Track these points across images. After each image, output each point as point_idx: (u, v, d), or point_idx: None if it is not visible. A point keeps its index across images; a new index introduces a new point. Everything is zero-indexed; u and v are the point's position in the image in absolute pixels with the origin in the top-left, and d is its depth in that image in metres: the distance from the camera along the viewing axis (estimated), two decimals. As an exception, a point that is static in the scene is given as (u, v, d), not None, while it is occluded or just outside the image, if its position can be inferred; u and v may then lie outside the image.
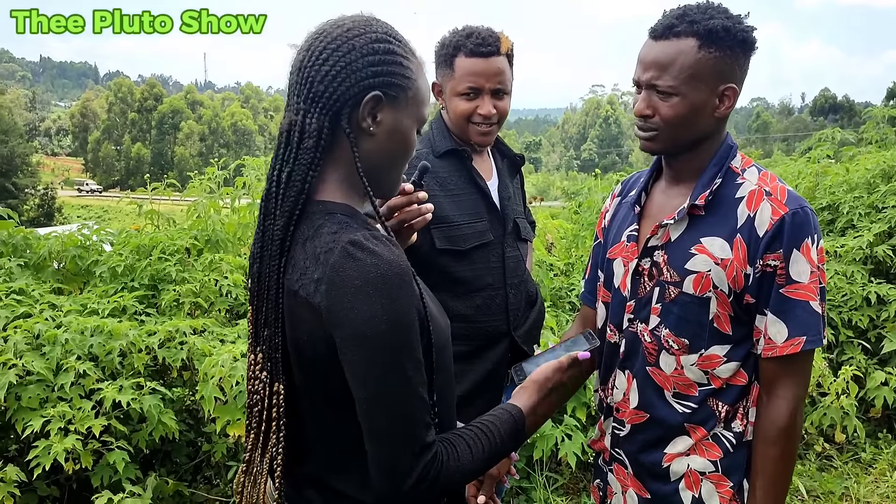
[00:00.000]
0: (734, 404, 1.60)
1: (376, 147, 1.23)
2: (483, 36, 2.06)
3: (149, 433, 2.91)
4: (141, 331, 3.05)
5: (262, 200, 1.21)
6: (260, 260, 1.20)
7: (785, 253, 1.49)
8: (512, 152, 2.31)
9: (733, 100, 1.55)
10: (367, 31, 1.20)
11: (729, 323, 1.56)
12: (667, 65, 1.52)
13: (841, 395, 3.75)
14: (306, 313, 1.13)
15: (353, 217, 1.20)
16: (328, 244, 1.13)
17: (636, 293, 1.66)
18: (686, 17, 1.52)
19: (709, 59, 1.50)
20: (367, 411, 1.12)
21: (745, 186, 1.56)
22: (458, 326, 2.10)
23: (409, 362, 1.12)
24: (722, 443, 1.60)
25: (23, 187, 45.98)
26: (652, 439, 1.66)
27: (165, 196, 4.23)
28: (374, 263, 1.10)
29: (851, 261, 4.44)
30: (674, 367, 1.60)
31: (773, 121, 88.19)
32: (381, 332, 1.09)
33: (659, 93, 1.54)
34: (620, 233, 1.74)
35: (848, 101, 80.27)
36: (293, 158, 1.18)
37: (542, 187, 48.08)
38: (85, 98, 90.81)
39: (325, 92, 1.17)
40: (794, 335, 1.50)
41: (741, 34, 1.51)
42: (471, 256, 2.09)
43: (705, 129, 1.57)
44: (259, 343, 1.20)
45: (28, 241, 3.60)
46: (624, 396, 1.70)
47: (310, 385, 1.19)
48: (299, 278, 1.15)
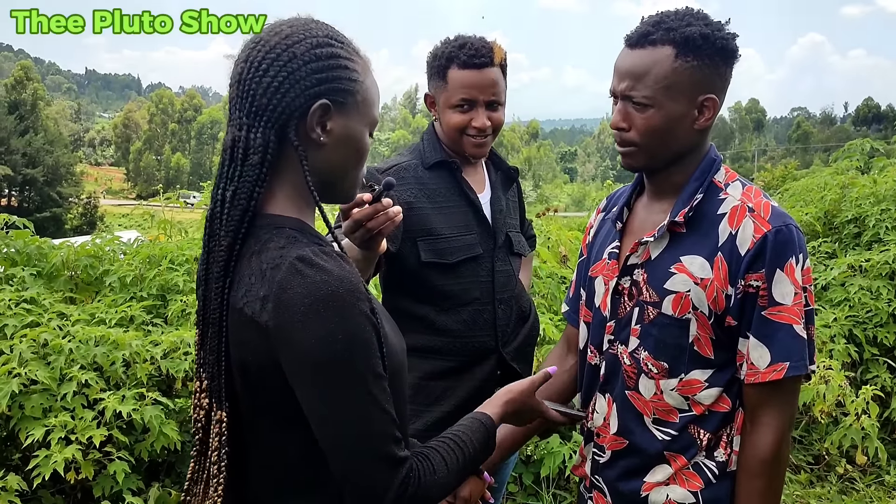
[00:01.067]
0: (716, 432, 1.51)
1: (328, 157, 1.18)
2: (476, 47, 2.02)
3: (151, 444, 2.92)
4: (145, 341, 3.07)
5: (207, 220, 1.17)
6: (205, 282, 1.15)
7: (767, 273, 1.41)
8: (506, 165, 2.27)
9: (714, 111, 1.47)
10: (307, 37, 1.15)
11: (710, 346, 1.47)
12: (642, 75, 1.44)
13: (861, 416, 3.62)
14: (252, 333, 1.09)
15: (303, 231, 1.15)
16: (275, 260, 1.09)
17: (616, 313, 1.59)
18: (662, 25, 1.44)
19: (686, 69, 1.42)
20: (331, 434, 1.07)
21: (728, 202, 1.48)
22: (445, 341, 2.07)
23: (370, 379, 1.08)
24: (703, 472, 1.51)
25: (67, 196, 47.13)
26: (631, 467, 1.57)
27: (177, 205, 4.26)
28: (323, 280, 1.06)
29: (877, 276, 4.30)
30: (653, 391, 1.52)
31: (815, 131, 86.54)
32: (337, 352, 1.05)
33: (635, 104, 1.46)
34: (602, 250, 1.67)
35: (892, 111, 78.52)
36: (238, 176, 1.13)
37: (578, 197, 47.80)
38: (127, 109, 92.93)
39: (269, 105, 1.12)
40: (777, 360, 1.42)
41: (720, 42, 1.43)
42: (458, 270, 2.05)
43: (685, 142, 1.49)
44: (203, 368, 1.16)
45: (42, 250, 3.65)
46: (604, 421, 1.62)
47: (256, 409, 1.14)
48: (244, 295, 1.10)
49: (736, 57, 1.47)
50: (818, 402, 3.62)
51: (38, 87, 54.05)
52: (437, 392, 2.06)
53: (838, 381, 3.63)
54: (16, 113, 47.32)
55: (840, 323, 4.09)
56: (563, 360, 1.84)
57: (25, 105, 50.01)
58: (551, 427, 1.70)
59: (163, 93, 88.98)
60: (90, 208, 46.62)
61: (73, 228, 40.59)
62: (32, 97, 51.13)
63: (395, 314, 2.10)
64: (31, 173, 44.10)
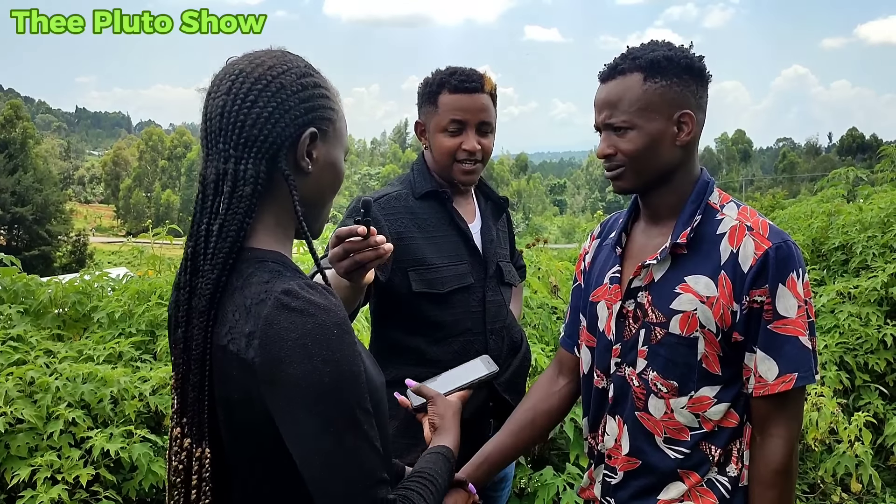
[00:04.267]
0: (727, 447, 1.55)
1: (311, 184, 1.20)
2: (467, 73, 2.07)
3: (139, 482, 2.87)
4: (134, 377, 3.04)
5: (188, 259, 1.15)
6: (187, 321, 1.12)
7: (771, 288, 1.46)
8: (496, 195, 2.28)
9: (692, 126, 1.54)
10: (291, 67, 1.17)
11: (718, 363, 1.52)
12: (616, 102, 1.54)
13: (855, 443, 3.61)
14: (237, 370, 1.06)
15: (285, 265, 1.14)
16: (259, 295, 1.07)
17: (622, 336, 1.62)
18: (629, 56, 1.55)
19: (656, 89, 1.51)
20: (318, 476, 1.04)
21: (726, 222, 1.54)
22: (435, 373, 2.05)
23: (360, 415, 1.06)
24: (717, 489, 1.55)
25: (56, 234, 46.85)
26: (645, 486, 1.60)
27: (167, 241, 4.25)
28: (311, 314, 1.04)
29: (866, 302, 4.32)
30: (663, 411, 1.56)
31: (800, 161, 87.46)
32: (326, 388, 1.02)
33: (615, 130, 1.55)
34: (603, 275, 1.71)
35: (876, 140, 79.53)
36: (226, 209, 1.12)
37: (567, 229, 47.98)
38: (117, 147, 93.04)
39: (260, 136, 1.12)
40: (786, 372, 1.47)
41: (684, 61, 1.52)
42: (449, 300, 2.05)
43: (670, 159, 1.56)
44: (185, 409, 1.12)
45: (29, 287, 3.63)
46: (616, 443, 1.65)
47: (241, 449, 1.12)
48: (228, 332, 1.08)
49: (704, 75, 1.56)
50: (811, 429, 3.61)
51: (28, 126, 54.03)
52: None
53: (831, 408, 3.62)
54: (5, 151, 47.22)
55: (831, 350, 4.10)
56: (554, 382, 1.86)
57: (15, 144, 49.90)
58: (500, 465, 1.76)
59: (152, 130, 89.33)
60: (80, 246, 46.32)
61: (62, 266, 40.32)
62: (22, 136, 51.12)
63: (386, 345, 2.11)
64: (20, 212, 43.92)
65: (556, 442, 3.66)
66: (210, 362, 1.09)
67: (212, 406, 1.11)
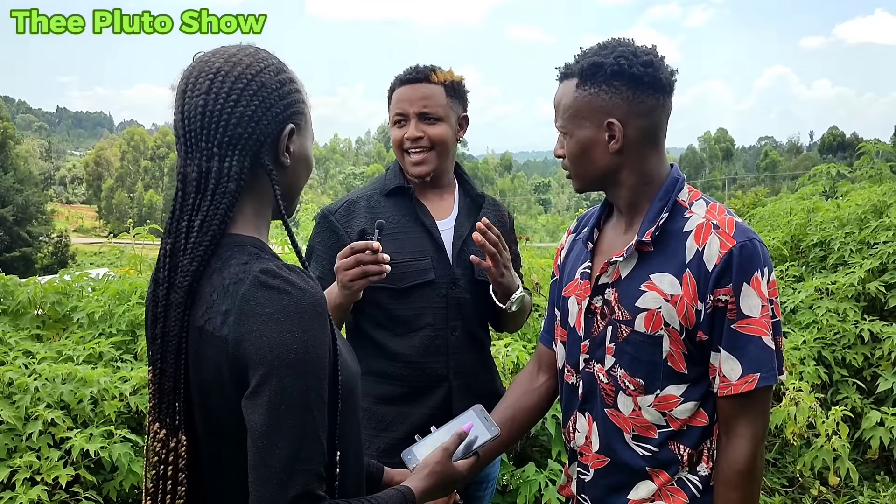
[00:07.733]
0: (697, 446, 1.54)
1: (289, 176, 1.25)
2: (414, 67, 2.11)
3: (119, 483, 2.86)
4: (114, 377, 3.02)
5: (167, 255, 1.16)
6: (164, 317, 1.13)
7: (735, 287, 1.45)
8: (474, 191, 2.28)
9: (620, 134, 1.51)
10: (267, 65, 1.20)
11: (683, 361, 1.52)
12: (557, 106, 1.59)
13: (832, 436, 3.65)
14: (212, 349, 1.08)
15: (263, 249, 1.18)
16: (238, 275, 1.10)
17: (590, 332, 1.63)
18: (577, 58, 1.56)
19: (585, 97, 1.52)
20: (259, 445, 1.04)
21: (693, 220, 1.52)
22: (398, 366, 2.08)
23: (314, 399, 1.06)
24: (688, 488, 1.55)
25: (37, 235, 46.41)
26: (615, 484, 1.60)
27: (149, 240, 4.23)
28: (287, 292, 1.07)
29: (844, 298, 4.36)
30: (631, 408, 1.56)
31: (782, 159, 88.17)
32: (290, 362, 1.04)
33: (561, 133, 1.59)
34: (574, 270, 1.72)
35: (857, 139, 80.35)
36: (208, 205, 1.15)
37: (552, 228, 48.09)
38: (99, 147, 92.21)
39: (244, 134, 1.15)
40: (748, 372, 1.46)
41: (612, 69, 1.48)
42: (409, 295, 2.06)
43: (606, 164, 1.55)
44: (162, 398, 1.13)
45: (8, 287, 3.60)
46: (586, 440, 1.65)
47: (213, 432, 1.13)
48: (205, 313, 1.10)
49: (642, 81, 1.50)
50: (790, 424, 3.64)
51: (8, 126, 53.38)
52: (388, 418, 2.07)
53: (808, 403, 3.66)
54: (-16, 152, 46.81)
55: (809, 345, 4.13)
56: (534, 378, 1.86)
57: (-6, 144, 49.44)
58: (482, 463, 1.66)
59: (135, 130, 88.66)
60: (61, 247, 45.88)
61: (43, 268, 39.89)
62: (2, 136, 50.53)
63: (357, 337, 2.13)
64: (1, 213, 43.46)
65: (538, 438, 3.67)
66: (186, 347, 1.11)
67: (188, 395, 1.12)
